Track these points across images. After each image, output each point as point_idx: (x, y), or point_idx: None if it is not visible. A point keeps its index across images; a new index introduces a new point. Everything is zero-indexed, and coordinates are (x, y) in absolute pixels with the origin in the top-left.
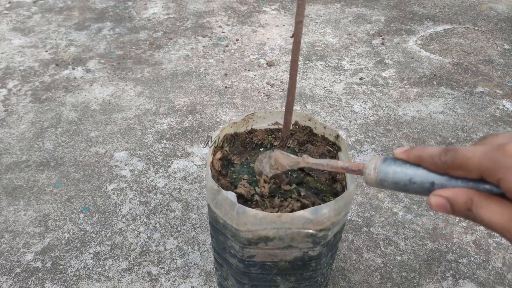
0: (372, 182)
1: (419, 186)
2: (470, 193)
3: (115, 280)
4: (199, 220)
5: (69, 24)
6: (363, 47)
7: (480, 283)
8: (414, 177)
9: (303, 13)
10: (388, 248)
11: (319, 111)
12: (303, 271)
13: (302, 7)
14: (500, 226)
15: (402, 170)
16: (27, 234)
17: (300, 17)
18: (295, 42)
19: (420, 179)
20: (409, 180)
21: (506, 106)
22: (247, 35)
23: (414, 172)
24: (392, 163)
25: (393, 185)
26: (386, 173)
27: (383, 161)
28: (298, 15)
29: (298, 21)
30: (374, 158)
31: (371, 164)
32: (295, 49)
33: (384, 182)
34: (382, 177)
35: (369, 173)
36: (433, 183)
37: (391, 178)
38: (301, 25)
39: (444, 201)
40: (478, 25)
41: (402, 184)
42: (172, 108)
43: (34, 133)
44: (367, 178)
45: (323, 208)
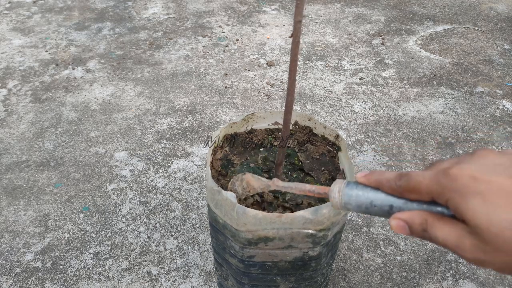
0: (337, 205)
1: (379, 209)
2: (424, 215)
3: (115, 280)
4: (199, 220)
5: (69, 24)
6: (363, 47)
7: (480, 283)
8: (375, 200)
9: (301, 13)
10: (388, 248)
11: (319, 111)
12: (303, 271)
13: (301, 7)
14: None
15: (364, 193)
16: (27, 234)
17: (299, 17)
18: (294, 42)
19: (380, 202)
20: (370, 203)
21: (506, 106)
22: (247, 35)
23: (374, 195)
24: (354, 187)
25: (356, 208)
26: (349, 197)
27: (347, 185)
28: (296, 15)
29: (297, 21)
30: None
31: (335, 188)
32: (294, 49)
33: (348, 205)
34: (346, 200)
35: (334, 197)
36: (391, 206)
37: (354, 201)
38: (299, 25)
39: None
40: (478, 25)
41: (364, 207)
42: (172, 108)
43: (34, 133)
44: (333, 201)
45: (323, 208)
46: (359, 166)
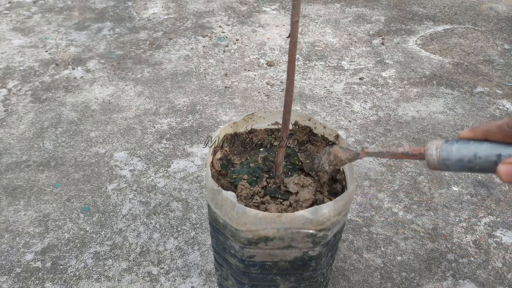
0: (434, 163)
1: (484, 160)
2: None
3: (115, 280)
4: (199, 220)
5: (69, 24)
6: (363, 47)
7: (480, 283)
8: (479, 151)
9: (298, 13)
10: (388, 248)
11: (319, 111)
12: (303, 271)
13: (298, 7)
14: None
15: (466, 146)
16: (27, 234)
17: (296, 17)
18: (291, 42)
19: (485, 153)
20: (473, 155)
21: (506, 106)
22: (247, 35)
23: (479, 147)
24: (454, 142)
25: (457, 163)
26: (449, 152)
27: (446, 141)
28: (294, 15)
29: (294, 21)
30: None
31: (432, 146)
32: (291, 49)
33: (447, 161)
34: (444, 156)
35: (431, 154)
36: (499, 155)
37: (455, 155)
38: (297, 25)
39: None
40: (478, 25)
41: (467, 160)
42: (172, 108)
43: (34, 133)
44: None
45: (323, 208)
46: (359, 166)
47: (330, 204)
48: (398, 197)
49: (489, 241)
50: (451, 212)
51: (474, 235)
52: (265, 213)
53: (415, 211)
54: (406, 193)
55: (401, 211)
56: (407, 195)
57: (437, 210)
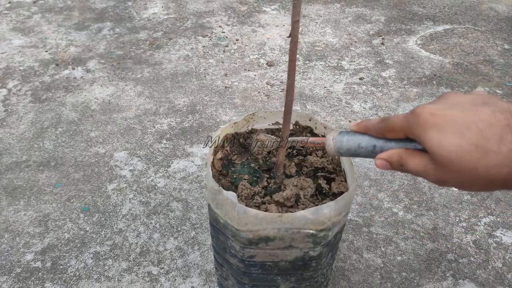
0: (332, 151)
1: (365, 149)
2: (399, 152)
3: (115, 280)
4: (199, 220)
5: (69, 24)
6: (363, 47)
7: (480, 283)
8: (361, 142)
9: (299, 12)
10: (388, 248)
11: (319, 111)
12: (304, 271)
13: (298, 7)
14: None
15: (353, 138)
16: (27, 234)
17: (297, 16)
18: (292, 42)
19: (365, 144)
20: (357, 146)
21: None
22: (247, 35)
23: (361, 139)
24: (345, 134)
25: (347, 151)
26: (341, 142)
27: (339, 133)
28: (294, 15)
29: (295, 21)
30: (332, 132)
31: (330, 136)
32: (292, 49)
33: (340, 149)
34: (338, 145)
35: (329, 144)
36: (374, 146)
37: (345, 145)
38: (297, 25)
39: (384, 162)
40: (478, 25)
41: (353, 149)
42: (172, 108)
43: (34, 133)
44: (328, 148)
45: (324, 208)
46: (359, 166)
47: (331, 204)
48: (398, 197)
49: (489, 241)
50: (451, 212)
51: (474, 235)
52: (265, 213)
53: (415, 211)
54: (406, 193)
55: (401, 211)
56: (407, 195)
57: (437, 210)
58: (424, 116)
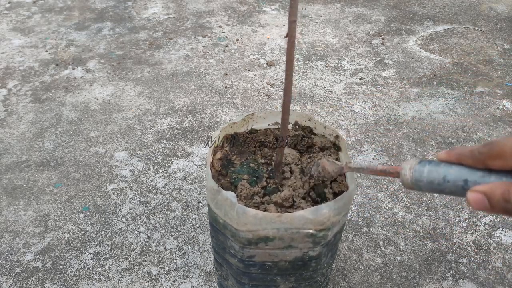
0: (408, 183)
1: (452, 184)
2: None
3: (115, 280)
4: (199, 220)
5: (69, 24)
6: (363, 47)
7: (480, 283)
8: (448, 175)
9: (296, 12)
10: (388, 248)
11: (319, 111)
12: (303, 271)
13: (295, 7)
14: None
15: (436, 169)
16: (27, 234)
17: (293, 16)
18: (289, 42)
19: (453, 177)
20: (443, 179)
21: (506, 106)
22: (247, 35)
23: (448, 170)
24: (427, 163)
25: (428, 185)
26: (421, 173)
27: (419, 162)
28: (291, 15)
29: (292, 21)
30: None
31: (407, 165)
32: (289, 49)
33: (419, 182)
34: (417, 177)
35: (404, 174)
36: (466, 181)
37: (426, 177)
38: (294, 25)
39: (481, 196)
40: (478, 25)
41: (437, 183)
42: (172, 108)
43: (34, 133)
44: (403, 178)
45: (323, 208)
46: None
47: (330, 204)
48: (398, 197)
49: (489, 241)
50: (451, 212)
51: (474, 235)
52: (265, 213)
53: (415, 211)
54: (406, 193)
55: (401, 211)
56: (407, 195)
57: (437, 210)
58: None
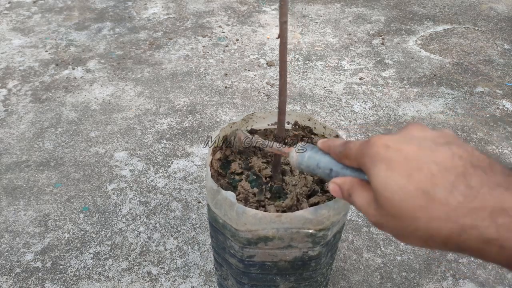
0: (293, 164)
1: (322, 171)
2: (352, 181)
3: (115, 280)
4: (199, 220)
5: (69, 24)
6: (363, 47)
7: (480, 283)
8: (320, 163)
9: (286, 13)
10: (388, 248)
11: (319, 111)
12: (303, 271)
13: (285, 8)
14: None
15: (314, 156)
16: (27, 234)
17: (284, 17)
18: (281, 43)
19: (323, 165)
20: (316, 165)
21: (506, 106)
22: (247, 35)
23: (321, 159)
24: (309, 149)
25: (306, 168)
26: (303, 157)
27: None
28: (281, 16)
29: (282, 22)
30: (299, 144)
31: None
32: (282, 50)
33: (301, 165)
34: (299, 160)
35: (292, 156)
36: (331, 170)
37: (305, 162)
38: (285, 26)
39: (337, 188)
40: (478, 25)
41: (312, 168)
42: (172, 108)
43: (34, 133)
44: (290, 160)
45: (323, 208)
46: None
47: (329, 204)
48: None
49: None
50: None
51: None
52: (264, 213)
53: None
54: None
55: None
56: None
57: None
58: (377, 147)
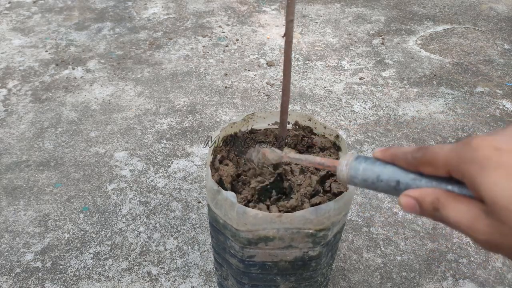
0: (344, 179)
1: (385, 184)
2: (437, 192)
3: (115, 280)
4: (199, 220)
5: (69, 24)
6: (363, 47)
7: (480, 283)
8: (382, 175)
9: (293, 12)
10: (388, 248)
11: (319, 111)
12: (303, 271)
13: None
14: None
15: (371, 167)
16: (27, 234)
17: (291, 16)
18: (287, 42)
19: (386, 177)
20: (376, 178)
21: (506, 106)
22: (247, 35)
23: (382, 170)
24: (363, 161)
25: (362, 182)
26: (356, 170)
27: (355, 158)
28: (288, 14)
29: (289, 21)
30: (348, 154)
31: (343, 161)
32: (287, 49)
33: (355, 178)
34: (352, 174)
35: (341, 170)
36: (398, 182)
37: (361, 175)
38: (292, 24)
39: (413, 202)
40: (478, 25)
41: (370, 181)
42: (172, 108)
43: (34, 133)
44: (339, 174)
45: (323, 208)
46: None
47: (330, 204)
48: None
49: None
50: None
51: None
52: (265, 213)
53: None
54: None
55: (401, 211)
56: None
57: None
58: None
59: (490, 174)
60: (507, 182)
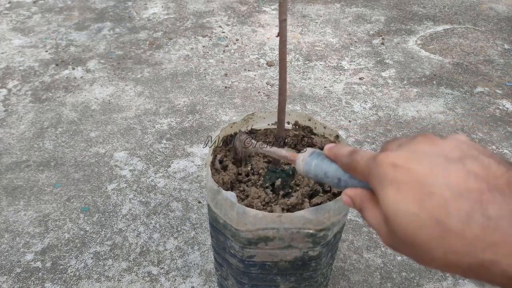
0: (300, 173)
1: (331, 180)
2: (363, 194)
3: (115, 280)
4: (199, 220)
5: (69, 24)
6: (363, 47)
7: (480, 283)
8: (327, 172)
9: (285, 11)
10: (388, 248)
11: (319, 111)
12: (303, 271)
13: (284, 6)
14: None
15: (321, 164)
16: (27, 234)
17: (283, 15)
18: (281, 41)
19: (331, 175)
20: (324, 174)
21: (506, 106)
22: (247, 35)
23: (329, 167)
24: (315, 157)
25: (314, 177)
26: (309, 166)
27: (310, 154)
28: (281, 14)
29: (282, 20)
30: (307, 150)
31: (301, 156)
32: (281, 48)
33: (308, 173)
34: (307, 169)
35: (298, 164)
36: (339, 179)
37: (313, 170)
38: (285, 24)
39: (349, 199)
40: (478, 25)
41: (320, 177)
42: (172, 108)
43: (34, 133)
44: (297, 168)
45: (323, 208)
46: None
47: (330, 204)
48: None
49: None
50: None
51: None
52: (265, 213)
53: None
54: None
55: None
56: None
57: None
58: (385, 167)
59: (385, 189)
60: (395, 197)
